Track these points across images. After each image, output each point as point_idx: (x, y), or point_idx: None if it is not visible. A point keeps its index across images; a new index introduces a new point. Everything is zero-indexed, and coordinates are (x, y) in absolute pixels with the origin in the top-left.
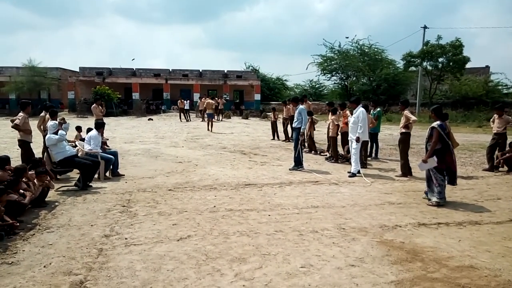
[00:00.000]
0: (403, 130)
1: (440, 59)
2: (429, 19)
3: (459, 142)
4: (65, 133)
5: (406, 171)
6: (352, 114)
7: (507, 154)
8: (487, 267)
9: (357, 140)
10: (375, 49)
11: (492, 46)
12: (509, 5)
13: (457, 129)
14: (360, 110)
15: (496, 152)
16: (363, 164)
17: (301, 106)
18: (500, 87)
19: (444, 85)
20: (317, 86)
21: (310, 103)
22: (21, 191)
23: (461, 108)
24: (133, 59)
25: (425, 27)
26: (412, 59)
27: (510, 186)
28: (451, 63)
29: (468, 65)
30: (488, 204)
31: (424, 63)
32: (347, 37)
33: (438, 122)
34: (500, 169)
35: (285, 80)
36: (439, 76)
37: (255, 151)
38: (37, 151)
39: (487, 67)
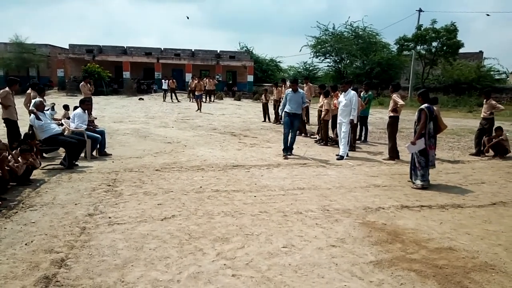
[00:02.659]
0: (392, 114)
1: (434, 43)
2: (425, 2)
3: (449, 126)
4: (45, 114)
5: (394, 154)
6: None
7: (494, 140)
8: (465, 249)
9: (351, 122)
10: (369, 32)
11: (487, 31)
12: None
13: (448, 113)
14: (352, 93)
15: (484, 137)
16: (352, 147)
17: (301, 91)
18: (492, 73)
19: (437, 69)
20: (310, 68)
21: (311, 85)
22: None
23: (453, 93)
24: None
25: (420, 10)
26: (406, 43)
27: (495, 171)
28: (444, 48)
29: (461, 50)
30: (472, 188)
31: (418, 47)
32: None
33: (426, 105)
34: (486, 154)
35: (279, 62)
36: (432, 61)
37: (245, 133)
38: (24, 129)
39: (481, 52)
